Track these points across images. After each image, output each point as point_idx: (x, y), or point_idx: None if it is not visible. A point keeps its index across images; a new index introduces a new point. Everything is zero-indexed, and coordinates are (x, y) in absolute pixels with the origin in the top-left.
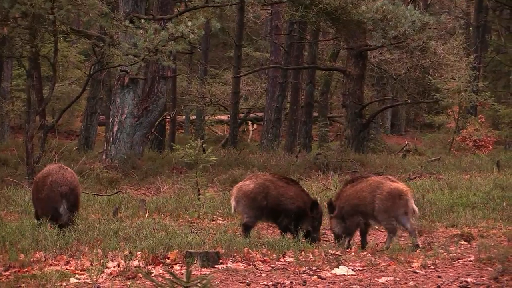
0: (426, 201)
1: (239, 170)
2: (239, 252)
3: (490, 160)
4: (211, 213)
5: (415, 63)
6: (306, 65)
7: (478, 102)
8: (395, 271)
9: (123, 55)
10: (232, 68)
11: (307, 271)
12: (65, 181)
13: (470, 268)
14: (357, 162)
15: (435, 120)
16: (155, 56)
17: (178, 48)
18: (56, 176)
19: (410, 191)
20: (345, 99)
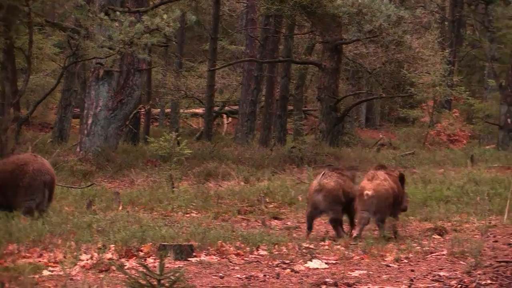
0: None
1: (214, 163)
2: (213, 245)
3: (464, 154)
4: (185, 206)
5: (390, 57)
6: (282, 59)
7: (453, 97)
8: (368, 264)
9: (98, 48)
10: (207, 61)
11: (280, 264)
12: (47, 170)
13: (443, 262)
14: (331, 155)
15: (410, 114)
16: (130, 48)
17: (153, 41)
18: (37, 165)
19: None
20: (320, 93)
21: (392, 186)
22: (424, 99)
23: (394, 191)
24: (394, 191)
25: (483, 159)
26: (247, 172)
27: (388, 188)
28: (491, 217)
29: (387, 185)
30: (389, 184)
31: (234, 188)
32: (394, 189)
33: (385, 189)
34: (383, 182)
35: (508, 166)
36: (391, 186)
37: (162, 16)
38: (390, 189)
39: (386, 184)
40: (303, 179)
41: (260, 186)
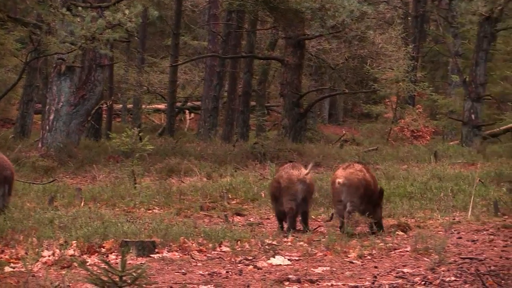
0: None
1: (176, 159)
2: (175, 242)
3: (428, 150)
4: (147, 202)
5: (353, 53)
6: (244, 54)
7: (416, 92)
8: (332, 261)
9: (60, 43)
10: (170, 57)
11: (243, 261)
12: (8, 165)
13: (407, 258)
14: (294, 151)
15: (373, 110)
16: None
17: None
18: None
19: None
20: (283, 89)
21: (366, 178)
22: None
23: (368, 184)
24: (369, 184)
25: (446, 155)
26: (210, 168)
27: (361, 179)
28: (455, 214)
29: (361, 176)
30: (364, 176)
31: (197, 184)
32: (368, 182)
33: (357, 179)
34: (356, 172)
35: (472, 162)
36: (365, 177)
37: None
38: (364, 180)
39: (360, 174)
40: (265, 175)
41: (222, 182)
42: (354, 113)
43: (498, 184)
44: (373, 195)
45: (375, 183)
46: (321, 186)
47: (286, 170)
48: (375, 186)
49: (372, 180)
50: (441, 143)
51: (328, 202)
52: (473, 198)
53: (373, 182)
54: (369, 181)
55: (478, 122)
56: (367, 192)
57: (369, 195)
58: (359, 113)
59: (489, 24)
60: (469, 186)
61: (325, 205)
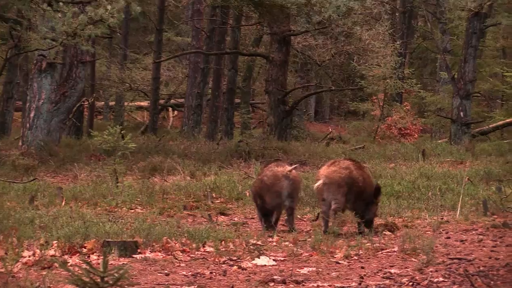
0: None
1: (159, 157)
2: (158, 242)
3: (416, 148)
4: (129, 202)
5: (339, 49)
6: (229, 51)
7: (404, 90)
8: (317, 261)
9: (40, 39)
10: (153, 53)
11: (227, 261)
12: None
13: (394, 259)
14: (279, 150)
15: (360, 108)
16: (74, 40)
17: (97, 32)
18: None
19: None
20: (268, 86)
21: (352, 175)
22: (374, 92)
23: (356, 181)
24: (356, 181)
25: (435, 153)
26: (193, 166)
27: (344, 176)
28: (443, 213)
29: (344, 173)
30: (349, 173)
31: (180, 183)
32: (355, 179)
33: (339, 176)
34: (340, 169)
35: (461, 161)
36: (350, 175)
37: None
38: (348, 178)
39: (344, 172)
40: (250, 174)
41: (206, 181)
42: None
43: (487, 183)
44: (364, 192)
45: (367, 180)
46: (307, 185)
47: (271, 168)
48: (366, 183)
49: (362, 177)
50: (429, 141)
51: (314, 201)
52: (462, 197)
53: (363, 179)
54: (357, 178)
55: (467, 119)
56: (353, 190)
57: (357, 192)
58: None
59: (478, 20)
60: (458, 185)
61: (311, 204)
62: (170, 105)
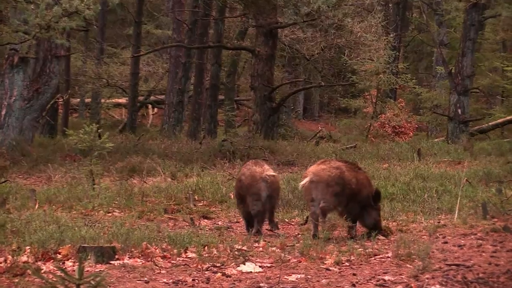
0: None
1: (138, 157)
2: (137, 247)
3: (411, 148)
4: (107, 205)
5: (329, 43)
6: (212, 44)
7: (398, 85)
8: (307, 268)
9: (12, 32)
10: (131, 47)
11: (210, 268)
12: None
13: (388, 265)
14: (266, 149)
15: (351, 105)
16: (47, 33)
17: (73, 25)
18: None
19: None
20: (254, 81)
21: (344, 176)
22: (367, 88)
23: (348, 183)
24: (348, 183)
25: (431, 153)
26: (174, 167)
27: (334, 176)
28: (440, 216)
29: (335, 173)
30: (339, 173)
31: (160, 184)
32: (347, 181)
33: (328, 175)
34: (330, 168)
35: (459, 161)
36: (342, 175)
37: None
38: (339, 178)
39: (334, 171)
40: (235, 175)
41: (188, 182)
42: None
43: (486, 184)
44: (358, 195)
45: (362, 182)
46: (295, 187)
47: (248, 167)
48: (362, 186)
49: (355, 179)
50: (425, 140)
51: (303, 204)
52: (460, 200)
53: (357, 181)
54: (349, 179)
55: (465, 117)
56: (346, 191)
57: (350, 194)
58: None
59: (477, 12)
60: (456, 187)
61: (299, 207)
62: (149, 102)
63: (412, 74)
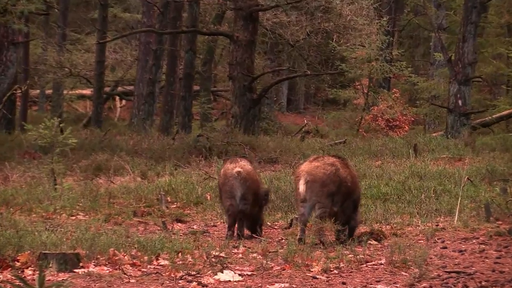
0: None
1: (104, 155)
2: (104, 254)
3: (406, 143)
4: (70, 207)
5: (316, 27)
6: (185, 29)
7: (392, 74)
8: (291, 276)
9: None
10: (96, 32)
11: (185, 277)
12: None
13: (381, 273)
14: (246, 145)
15: (340, 96)
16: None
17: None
18: None
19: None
20: (232, 70)
21: (340, 174)
22: (357, 77)
23: (344, 181)
24: (344, 181)
25: (428, 148)
26: (145, 165)
27: (330, 174)
28: (438, 219)
29: (330, 170)
30: (335, 171)
31: (129, 185)
32: (344, 179)
33: (323, 173)
34: (325, 165)
35: (459, 157)
36: (338, 173)
37: None
38: (334, 176)
39: (329, 168)
40: (211, 174)
41: (160, 182)
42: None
43: (490, 183)
44: (352, 195)
45: (355, 179)
46: (279, 187)
47: (225, 165)
48: (355, 183)
49: (350, 176)
50: (422, 134)
51: (287, 205)
52: (460, 200)
53: (351, 178)
54: (345, 177)
55: (466, 109)
56: (341, 191)
57: (346, 193)
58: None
59: None
60: (456, 186)
61: (282, 209)
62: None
63: (407, 62)
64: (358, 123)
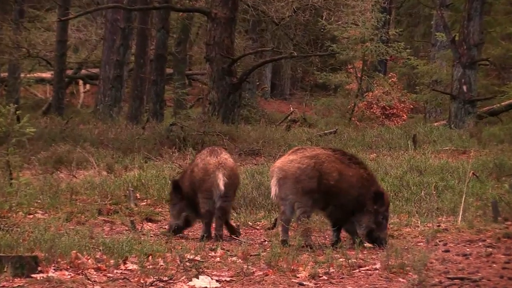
0: None
1: (66, 146)
2: (65, 257)
3: (404, 133)
4: (27, 204)
5: (304, 3)
6: (157, 5)
7: (389, 56)
8: (275, 282)
9: None
10: (58, 9)
11: (155, 283)
12: None
13: (376, 279)
14: (225, 135)
15: (331, 80)
16: None
17: None
18: None
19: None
20: (210, 51)
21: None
22: (350, 59)
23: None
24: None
25: (429, 140)
26: (111, 158)
27: (307, 168)
28: (440, 219)
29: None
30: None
31: (94, 179)
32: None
33: (297, 167)
34: (302, 159)
35: (464, 150)
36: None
37: None
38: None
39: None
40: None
41: (128, 177)
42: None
43: (498, 179)
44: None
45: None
46: (261, 182)
47: (202, 157)
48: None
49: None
50: (422, 124)
51: (270, 203)
52: (465, 198)
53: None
54: (328, 172)
55: (471, 95)
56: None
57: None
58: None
59: None
60: (460, 182)
61: (265, 207)
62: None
63: (406, 42)
64: (351, 111)
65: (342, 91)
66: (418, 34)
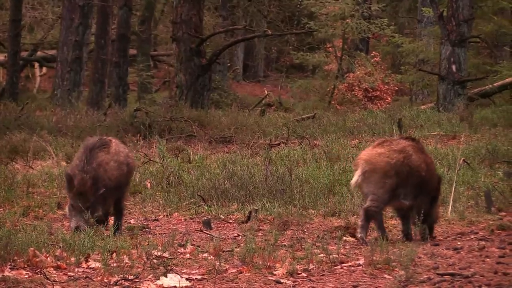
0: (294, 179)
1: (21, 134)
2: (22, 255)
3: (389, 118)
4: None
5: None
6: None
7: (371, 34)
8: (250, 280)
9: None
10: None
11: (120, 282)
12: None
13: (359, 275)
14: (194, 121)
15: (308, 60)
16: None
17: None
18: None
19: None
20: (176, 30)
21: (412, 163)
22: (329, 37)
23: (416, 171)
24: (416, 170)
25: (416, 124)
26: (71, 147)
27: (396, 162)
28: None
29: (397, 158)
30: (403, 159)
31: (52, 170)
32: (416, 167)
33: (387, 161)
34: (391, 153)
35: (453, 134)
36: (407, 162)
37: None
38: (402, 165)
39: (397, 157)
40: (152, 157)
41: None
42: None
43: (491, 165)
44: (433, 183)
45: (431, 169)
46: (234, 172)
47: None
48: (431, 174)
49: (426, 165)
50: (407, 107)
51: (244, 195)
52: (455, 187)
53: (428, 168)
54: (418, 166)
55: (461, 76)
56: (413, 182)
57: (419, 186)
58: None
59: None
60: (449, 170)
61: (238, 199)
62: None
63: (389, 19)
64: (330, 93)
65: (321, 72)
66: (403, 10)
